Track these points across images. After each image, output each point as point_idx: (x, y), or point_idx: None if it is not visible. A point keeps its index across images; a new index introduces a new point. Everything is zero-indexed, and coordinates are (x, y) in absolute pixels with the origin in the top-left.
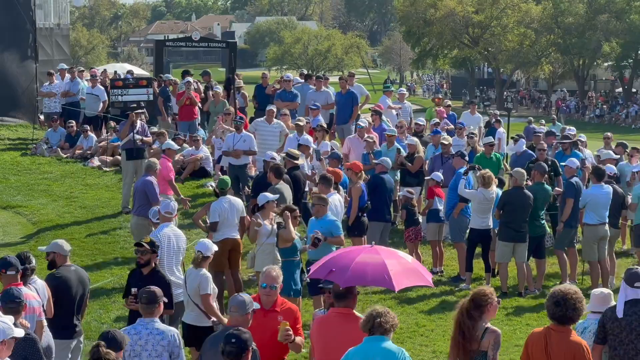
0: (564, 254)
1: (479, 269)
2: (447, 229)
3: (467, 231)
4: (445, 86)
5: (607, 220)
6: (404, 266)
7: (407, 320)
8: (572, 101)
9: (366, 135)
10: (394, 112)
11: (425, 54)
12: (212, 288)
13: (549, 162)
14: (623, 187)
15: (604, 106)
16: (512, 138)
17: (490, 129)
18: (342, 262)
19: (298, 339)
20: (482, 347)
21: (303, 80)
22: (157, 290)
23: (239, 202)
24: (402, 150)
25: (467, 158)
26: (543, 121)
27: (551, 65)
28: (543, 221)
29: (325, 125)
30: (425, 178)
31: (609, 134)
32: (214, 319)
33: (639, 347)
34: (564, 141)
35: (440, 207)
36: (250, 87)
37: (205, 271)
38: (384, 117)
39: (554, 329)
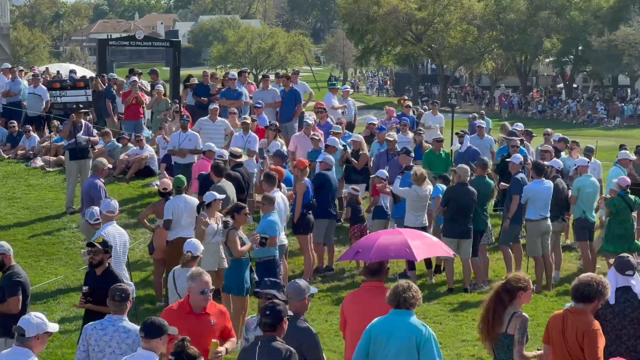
0: (509, 250)
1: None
2: (393, 225)
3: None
4: (388, 83)
5: (549, 215)
6: (424, 242)
7: None
8: (514, 97)
9: (312, 132)
10: (339, 111)
11: (369, 51)
12: None
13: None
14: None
15: (546, 102)
16: (456, 134)
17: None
18: (366, 243)
19: (228, 343)
20: (509, 330)
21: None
22: (128, 288)
23: (194, 202)
24: (347, 147)
25: (412, 155)
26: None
27: (494, 62)
28: (487, 214)
29: (278, 124)
30: (371, 176)
31: (549, 129)
32: None
33: (631, 332)
34: (511, 137)
35: (387, 204)
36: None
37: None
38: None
39: (572, 310)
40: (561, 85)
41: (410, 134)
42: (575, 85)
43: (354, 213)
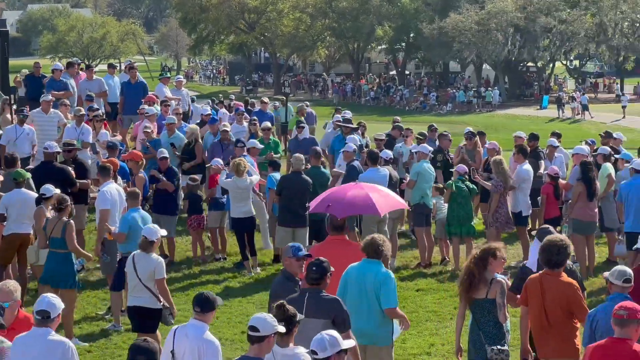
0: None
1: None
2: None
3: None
4: (222, 72)
5: None
6: (382, 195)
7: None
8: (348, 84)
9: (145, 124)
10: (173, 102)
11: (202, 40)
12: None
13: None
14: (400, 169)
15: (379, 89)
16: (295, 124)
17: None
18: (335, 197)
19: None
20: (490, 295)
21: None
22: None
23: (33, 196)
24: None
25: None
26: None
27: (327, 49)
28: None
29: (103, 115)
30: (207, 165)
31: (398, 117)
32: (164, 302)
33: None
34: (347, 125)
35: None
36: None
37: (157, 256)
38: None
39: (548, 273)
40: (394, 72)
41: (245, 124)
42: (407, 72)
43: (192, 204)
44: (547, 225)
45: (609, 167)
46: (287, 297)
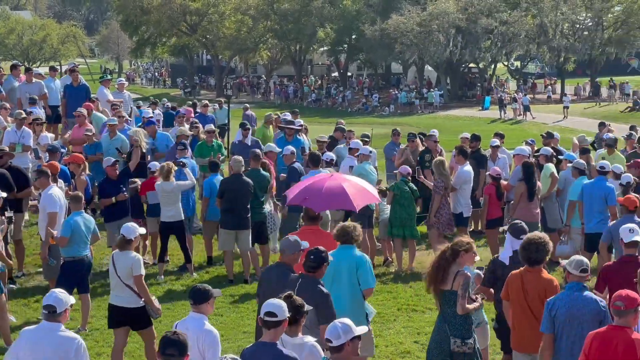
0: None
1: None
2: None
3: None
4: (164, 74)
5: None
6: (357, 188)
7: None
8: (290, 86)
9: (85, 127)
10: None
11: (144, 42)
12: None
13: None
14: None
15: (322, 91)
16: (240, 126)
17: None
18: (312, 191)
19: None
20: (454, 287)
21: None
22: None
23: None
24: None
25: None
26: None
27: (269, 51)
28: (264, 207)
29: (43, 118)
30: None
31: (342, 120)
32: (144, 299)
33: None
34: (290, 127)
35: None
36: None
37: (135, 254)
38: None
39: (528, 270)
40: (336, 74)
41: (186, 126)
42: (349, 74)
43: (133, 207)
44: (518, 220)
45: (551, 167)
46: (291, 277)
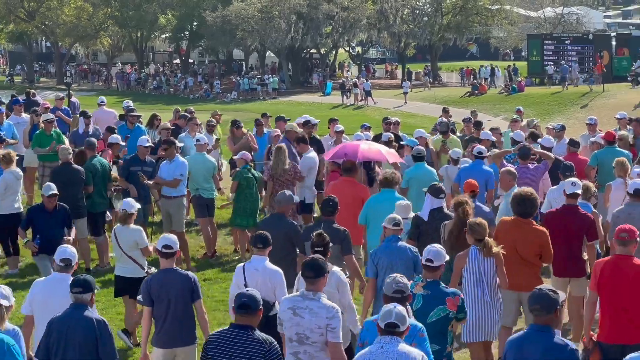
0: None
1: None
2: None
3: None
4: (2, 62)
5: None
6: (371, 147)
7: None
8: (132, 73)
9: None
10: None
11: None
12: None
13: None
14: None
15: (163, 77)
16: (81, 114)
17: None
18: (350, 150)
19: None
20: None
21: None
22: None
23: None
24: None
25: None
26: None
27: (110, 39)
28: (105, 196)
29: None
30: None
31: (191, 108)
32: (147, 269)
33: (436, 240)
34: (132, 114)
35: None
36: None
37: (137, 227)
38: None
39: (521, 220)
40: (177, 60)
41: (25, 116)
42: (191, 60)
43: None
44: (435, 182)
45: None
46: (306, 226)
